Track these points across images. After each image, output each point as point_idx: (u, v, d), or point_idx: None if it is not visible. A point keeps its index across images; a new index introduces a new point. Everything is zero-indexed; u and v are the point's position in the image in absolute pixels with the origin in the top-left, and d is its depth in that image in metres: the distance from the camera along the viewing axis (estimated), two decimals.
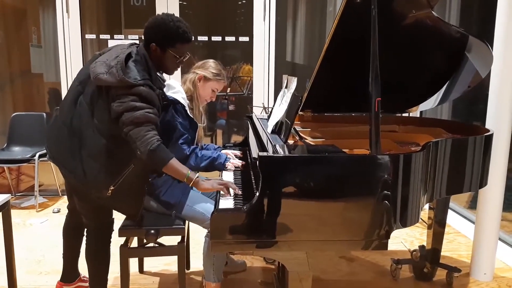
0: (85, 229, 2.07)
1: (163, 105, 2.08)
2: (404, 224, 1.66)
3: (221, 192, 1.87)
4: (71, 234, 2.26)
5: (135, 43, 1.92)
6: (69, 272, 2.32)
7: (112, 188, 1.85)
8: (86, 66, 1.91)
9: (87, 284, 2.37)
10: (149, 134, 1.73)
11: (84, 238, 2.06)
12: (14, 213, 2.19)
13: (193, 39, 1.92)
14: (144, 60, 1.83)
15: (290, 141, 1.99)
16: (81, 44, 4.08)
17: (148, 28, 1.87)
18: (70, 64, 4.05)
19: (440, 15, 2.06)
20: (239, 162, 2.25)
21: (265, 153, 1.61)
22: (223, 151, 2.35)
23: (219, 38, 4.22)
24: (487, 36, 2.29)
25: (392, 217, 1.61)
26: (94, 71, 1.76)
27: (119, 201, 1.93)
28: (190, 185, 1.85)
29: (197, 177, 1.84)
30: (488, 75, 2.37)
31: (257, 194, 1.54)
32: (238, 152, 2.40)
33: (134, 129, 1.73)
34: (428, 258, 2.57)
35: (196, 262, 2.66)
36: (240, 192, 1.86)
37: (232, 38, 4.22)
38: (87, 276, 2.37)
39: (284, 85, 2.19)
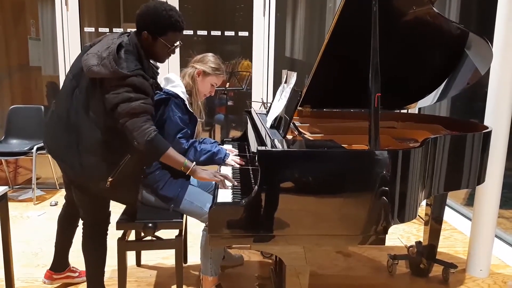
0: (81, 221, 2.08)
1: (163, 99, 2.09)
2: (402, 220, 1.66)
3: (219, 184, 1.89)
4: (65, 224, 2.28)
5: (126, 32, 1.91)
6: (60, 261, 2.33)
7: (110, 179, 1.86)
8: (78, 59, 1.90)
9: (76, 275, 2.39)
10: (145, 124, 1.74)
11: (81, 231, 2.06)
12: (11, 206, 2.19)
13: (185, 28, 1.92)
14: (136, 50, 1.82)
15: (289, 136, 1.99)
16: (80, 37, 4.06)
17: (140, 15, 1.86)
18: (68, 58, 4.04)
19: (440, 11, 2.05)
20: (238, 160, 2.23)
21: (264, 148, 1.61)
22: (223, 147, 2.35)
23: (218, 33, 4.21)
24: (487, 33, 2.28)
25: (389, 212, 1.61)
26: (86, 63, 1.75)
27: (118, 192, 1.94)
28: (187, 173, 1.87)
29: (194, 165, 1.87)
30: (487, 72, 2.37)
31: (256, 188, 1.54)
32: (234, 150, 2.40)
33: (130, 120, 1.73)
34: (425, 254, 2.58)
35: (194, 256, 2.67)
36: (236, 183, 1.87)
37: (232, 33, 4.21)
38: (76, 267, 2.40)
39: (284, 80, 2.18)
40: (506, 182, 2.60)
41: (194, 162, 1.90)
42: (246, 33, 4.18)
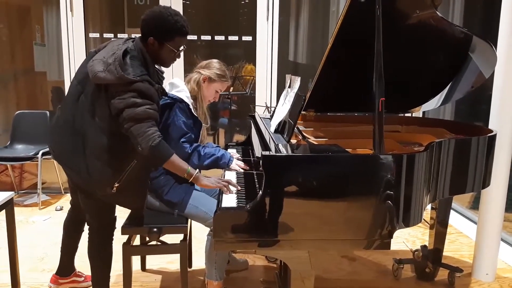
0: (86, 226, 2.08)
1: (168, 103, 2.10)
2: (407, 224, 1.66)
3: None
4: (71, 229, 2.29)
5: (131, 38, 1.92)
6: (66, 266, 2.34)
7: (116, 185, 1.86)
8: (83, 65, 1.91)
9: (82, 279, 2.40)
10: (150, 130, 1.74)
11: (86, 235, 2.07)
12: (17, 210, 2.20)
13: (189, 32, 1.92)
14: (141, 55, 1.83)
15: (293, 141, 1.99)
16: (85, 43, 4.09)
17: (146, 21, 1.86)
18: (73, 63, 4.06)
19: (443, 15, 2.05)
20: (243, 165, 2.23)
21: (268, 152, 1.61)
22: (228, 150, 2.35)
23: (222, 38, 4.22)
24: (491, 37, 2.28)
25: (395, 216, 1.61)
26: (92, 69, 1.76)
27: (124, 197, 1.94)
28: (190, 180, 1.87)
29: (197, 172, 1.87)
30: (492, 75, 2.37)
31: (260, 193, 1.54)
32: (237, 155, 2.41)
33: (135, 125, 1.74)
34: (430, 258, 2.57)
35: (198, 261, 2.67)
36: (239, 188, 1.88)
37: (235, 38, 4.23)
38: (82, 271, 2.41)
39: (287, 84, 2.19)
40: (511, 185, 2.59)
41: (197, 170, 1.90)
42: (249, 38, 4.20)
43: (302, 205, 1.55)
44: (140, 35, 1.89)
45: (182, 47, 1.93)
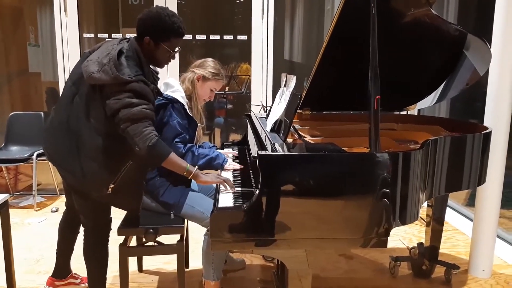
0: (82, 227, 2.07)
1: (162, 103, 2.09)
2: (403, 222, 1.66)
3: (221, 187, 1.89)
4: (66, 230, 2.28)
5: (126, 38, 1.91)
6: (62, 268, 2.33)
7: (112, 186, 1.85)
8: (77, 65, 1.90)
9: (78, 281, 2.39)
10: (147, 130, 1.74)
11: (82, 237, 2.06)
12: (12, 212, 2.19)
13: (185, 34, 1.92)
14: (136, 55, 1.82)
15: (289, 140, 1.99)
16: (79, 43, 4.07)
17: (142, 21, 1.86)
18: (68, 63, 4.04)
19: (438, 13, 2.06)
20: (238, 166, 2.23)
21: (264, 152, 1.61)
22: (223, 151, 2.35)
23: (217, 37, 4.21)
24: (485, 34, 2.29)
25: (391, 214, 1.61)
26: (86, 70, 1.75)
27: (120, 198, 1.94)
28: (190, 178, 1.87)
29: (197, 169, 1.87)
30: (486, 72, 2.37)
31: (257, 192, 1.54)
32: (235, 152, 2.40)
33: (132, 125, 1.73)
34: (427, 255, 2.58)
35: (195, 261, 2.67)
36: (235, 190, 1.88)
37: (231, 37, 4.22)
38: (78, 273, 2.40)
39: (283, 83, 2.19)
40: (507, 182, 2.60)
41: (197, 167, 1.91)
42: (245, 37, 4.19)
43: (299, 204, 1.55)
44: (135, 35, 1.89)
45: (177, 48, 1.93)
